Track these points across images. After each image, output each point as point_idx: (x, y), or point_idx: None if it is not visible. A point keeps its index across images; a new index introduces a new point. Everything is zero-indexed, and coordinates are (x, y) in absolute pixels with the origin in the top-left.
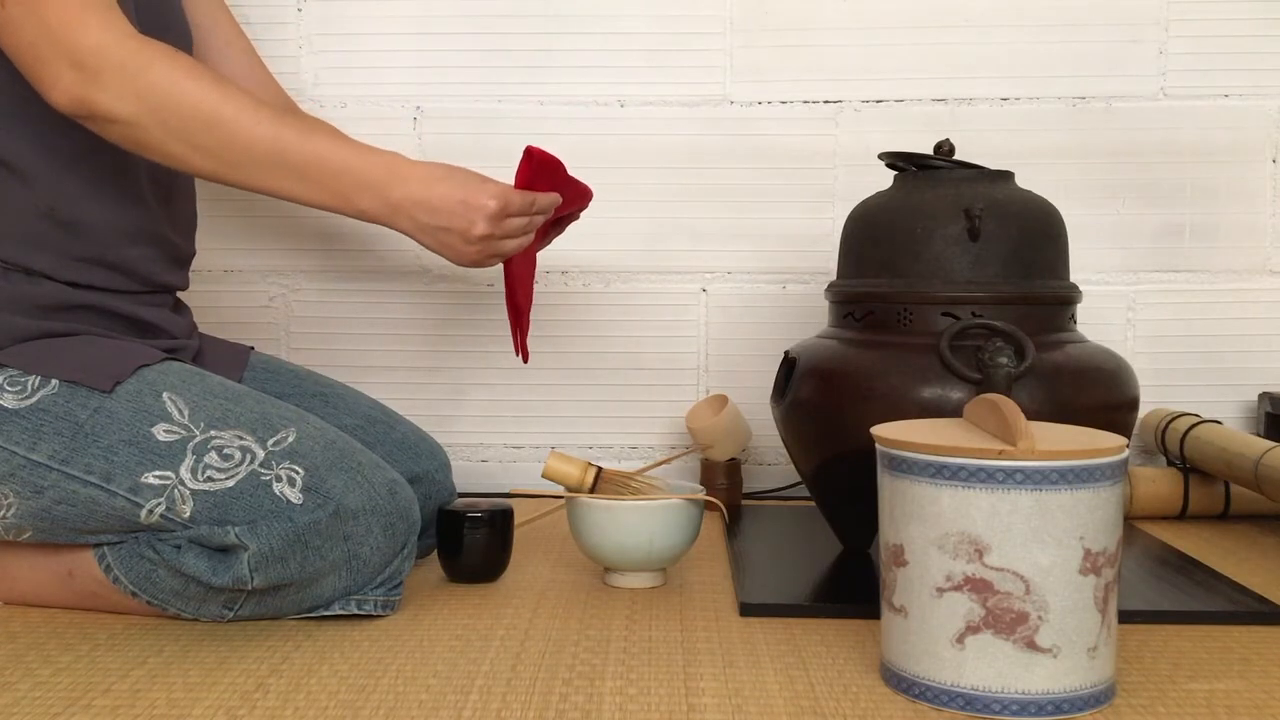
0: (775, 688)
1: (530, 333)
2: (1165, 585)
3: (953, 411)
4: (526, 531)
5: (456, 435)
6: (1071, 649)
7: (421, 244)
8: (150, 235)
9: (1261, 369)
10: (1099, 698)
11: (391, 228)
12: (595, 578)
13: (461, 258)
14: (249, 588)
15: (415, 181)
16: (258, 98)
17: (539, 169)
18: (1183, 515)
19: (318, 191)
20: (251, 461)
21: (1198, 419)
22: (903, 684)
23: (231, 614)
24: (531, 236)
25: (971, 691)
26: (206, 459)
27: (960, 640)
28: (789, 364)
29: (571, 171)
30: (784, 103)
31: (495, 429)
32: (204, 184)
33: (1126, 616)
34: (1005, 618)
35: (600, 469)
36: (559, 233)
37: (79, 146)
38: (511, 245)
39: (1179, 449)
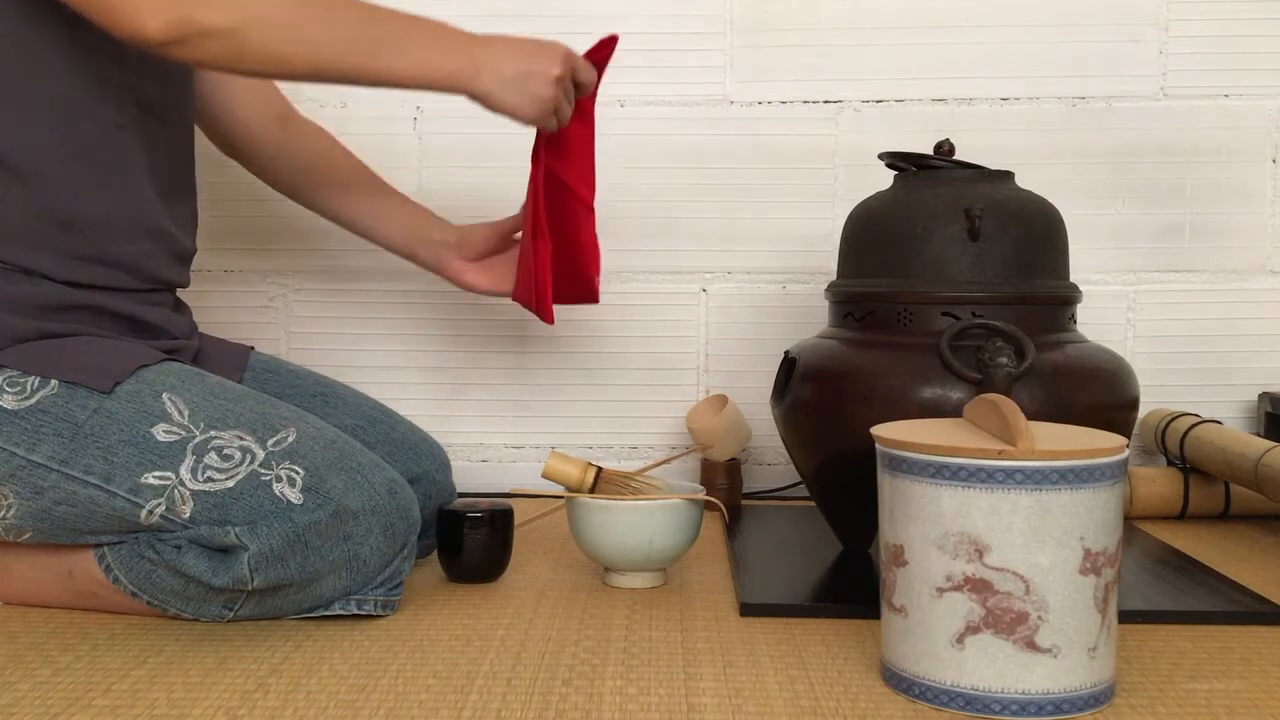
0: (775, 688)
1: (540, 321)
2: (1165, 585)
3: (953, 411)
4: (526, 531)
5: (456, 435)
6: (1071, 649)
7: (497, 105)
8: (151, 231)
9: (1261, 369)
10: (1099, 698)
11: (471, 91)
12: (595, 578)
13: (542, 103)
14: (249, 588)
15: (486, 37)
16: None
17: (599, 49)
18: (1183, 515)
19: (410, 63)
20: (251, 462)
21: (1198, 419)
22: (903, 684)
23: (231, 614)
24: (571, 108)
25: (971, 691)
26: (206, 459)
27: (960, 640)
28: (789, 364)
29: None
30: (784, 103)
31: (495, 429)
32: (205, 182)
33: (1126, 616)
34: (1005, 618)
35: (600, 469)
36: None
37: (79, 143)
38: (567, 109)
39: (1179, 449)
